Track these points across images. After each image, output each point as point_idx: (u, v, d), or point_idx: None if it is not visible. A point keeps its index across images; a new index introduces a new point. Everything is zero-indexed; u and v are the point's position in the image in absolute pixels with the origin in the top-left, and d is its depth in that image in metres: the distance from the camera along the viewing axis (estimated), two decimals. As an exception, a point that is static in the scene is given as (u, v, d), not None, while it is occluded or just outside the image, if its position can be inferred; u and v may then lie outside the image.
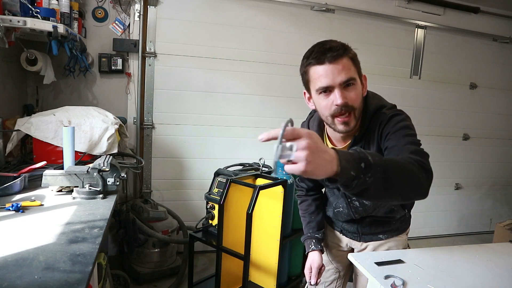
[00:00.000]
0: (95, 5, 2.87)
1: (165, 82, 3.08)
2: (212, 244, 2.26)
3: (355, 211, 1.44)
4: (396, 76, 3.66)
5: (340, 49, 1.10)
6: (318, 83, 1.13)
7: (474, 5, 3.75)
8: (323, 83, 1.12)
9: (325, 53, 1.10)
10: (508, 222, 3.55)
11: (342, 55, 1.10)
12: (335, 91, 1.12)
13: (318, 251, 1.47)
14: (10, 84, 2.43)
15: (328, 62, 1.10)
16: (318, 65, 1.11)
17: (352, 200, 1.40)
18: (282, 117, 3.45)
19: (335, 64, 1.10)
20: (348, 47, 1.14)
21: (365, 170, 0.78)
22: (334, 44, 1.11)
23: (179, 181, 3.26)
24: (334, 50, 1.09)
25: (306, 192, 1.58)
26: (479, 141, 4.15)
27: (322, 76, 1.11)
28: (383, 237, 1.50)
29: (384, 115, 1.21)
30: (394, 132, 1.15)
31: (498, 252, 1.51)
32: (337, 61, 1.10)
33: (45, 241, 1.12)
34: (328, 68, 1.10)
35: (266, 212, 2.35)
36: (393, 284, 1.16)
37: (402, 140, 1.11)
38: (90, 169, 1.60)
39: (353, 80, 1.12)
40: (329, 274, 1.64)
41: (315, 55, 1.11)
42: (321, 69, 1.11)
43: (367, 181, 0.78)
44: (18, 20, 1.90)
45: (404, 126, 1.15)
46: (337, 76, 1.10)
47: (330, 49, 1.10)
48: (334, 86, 1.11)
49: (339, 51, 1.10)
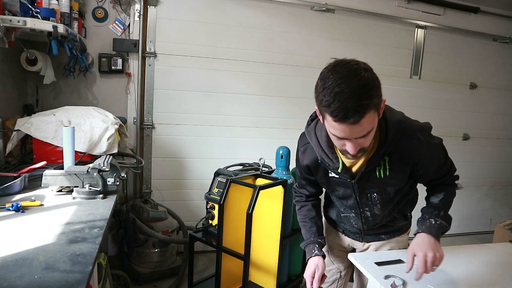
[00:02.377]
0: (95, 5, 2.87)
1: (165, 82, 3.08)
2: (212, 244, 2.26)
3: (365, 221, 1.42)
4: (396, 76, 3.66)
5: (361, 111, 0.96)
6: (332, 131, 1.06)
7: (474, 5, 3.75)
8: (337, 134, 1.06)
9: (346, 117, 0.97)
10: (508, 222, 3.55)
11: (365, 112, 0.97)
12: (349, 142, 1.07)
13: (321, 256, 1.44)
14: (10, 84, 2.43)
15: (348, 124, 0.99)
16: (337, 123, 1.00)
17: (364, 210, 1.38)
18: (282, 117, 3.48)
19: (355, 125, 1.00)
20: (370, 98, 0.98)
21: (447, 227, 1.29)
22: (354, 106, 0.96)
23: (179, 181, 3.26)
24: (356, 112, 0.96)
25: (306, 198, 1.56)
26: (479, 141, 4.15)
27: (337, 130, 1.04)
28: (385, 237, 1.50)
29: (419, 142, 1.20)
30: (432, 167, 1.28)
31: (498, 252, 1.51)
32: (358, 123, 0.99)
33: (45, 241, 1.12)
34: (346, 127, 1.01)
35: (266, 212, 2.35)
36: (393, 284, 1.16)
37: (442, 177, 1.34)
38: (90, 169, 1.60)
39: (371, 131, 1.06)
40: (330, 274, 1.63)
41: (334, 113, 0.98)
42: (337, 125, 1.02)
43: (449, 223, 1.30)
44: (18, 20, 1.90)
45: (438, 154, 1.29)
46: (355, 134, 1.03)
47: (351, 111, 0.96)
48: (349, 139, 1.06)
49: (361, 113, 0.96)
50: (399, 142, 1.19)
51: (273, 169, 2.54)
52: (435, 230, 1.24)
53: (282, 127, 3.40)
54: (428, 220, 1.27)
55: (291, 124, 3.36)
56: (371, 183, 1.28)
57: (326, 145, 1.24)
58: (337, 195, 1.41)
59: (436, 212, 1.28)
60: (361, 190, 1.31)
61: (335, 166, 1.26)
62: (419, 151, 1.20)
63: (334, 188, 1.38)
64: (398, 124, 1.18)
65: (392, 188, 1.30)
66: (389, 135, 1.17)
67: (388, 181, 1.26)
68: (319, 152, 1.27)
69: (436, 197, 1.34)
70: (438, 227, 1.25)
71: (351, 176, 1.28)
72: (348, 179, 1.29)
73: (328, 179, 1.36)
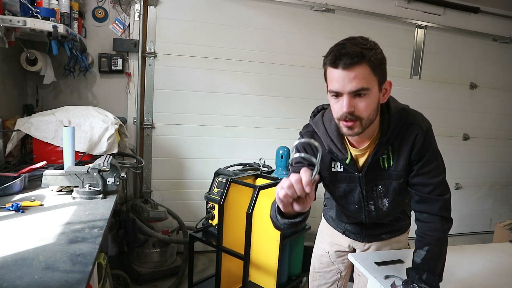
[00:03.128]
0: (95, 5, 2.87)
1: (165, 82, 3.08)
2: (212, 244, 2.26)
3: (368, 215, 1.40)
4: (396, 76, 3.66)
5: (356, 56, 1.04)
6: (329, 85, 1.11)
7: (474, 5, 3.75)
8: (333, 88, 1.09)
9: (340, 58, 1.05)
10: (508, 222, 3.55)
11: (357, 63, 1.04)
12: (343, 98, 1.09)
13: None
14: (10, 84, 2.43)
15: (341, 68, 1.05)
16: (332, 68, 1.08)
17: (368, 203, 1.36)
18: (282, 117, 3.48)
19: (348, 71, 1.05)
20: (369, 53, 1.06)
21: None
22: (352, 50, 1.04)
23: (179, 181, 3.26)
24: (350, 56, 1.04)
25: None
26: (479, 141, 4.15)
27: (334, 80, 1.08)
28: (385, 237, 1.50)
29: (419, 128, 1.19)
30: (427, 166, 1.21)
31: (498, 252, 1.51)
32: (350, 69, 1.05)
33: (45, 241, 1.12)
34: (340, 74, 1.06)
35: (266, 212, 2.34)
36: (393, 284, 1.16)
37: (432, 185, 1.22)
38: (90, 169, 1.60)
39: (364, 91, 1.07)
40: (330, 275, 1.63)
41: (331, 57, 1.07)
42: (334, 73, 1.08)
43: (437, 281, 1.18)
44: (18, 20, 1.90)
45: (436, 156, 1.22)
46: (347, 84, 1.06)
47: (345, 54, 1.04)
48: (343, 93, 1.08)
49: (354, 58, 1.04)
50: (401, 130, 1.20)
51: (273, 169, 2.54)
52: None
53: (282, 127, 3.40)
54: (412, 285, 1.18)
55: (291, 124, 3.37)
56: (376, 175, 1.28)
57: (336, 135, 1.24)
58: (338, 193, 1.38)
59: (418, 276, 1.18)
60: (367, 182, 1.29)
61: (344, 157, 1.25)
62: (417, 137, 1.19)
63: (335, 184, 1.35)
64: (401, 112, 1.20)
65: (396, 182, 1.28)
66: (391, 122, 1.18)
67: (392, 172, 1.26)
68: (327, 142, 1.26)
69: (418, 254, 1.22)
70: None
71: (357, 169, 1.27)
72: (355, 172, 1.28)
73: (331, 174, 1.33)
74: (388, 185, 1.30)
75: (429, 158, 1.21)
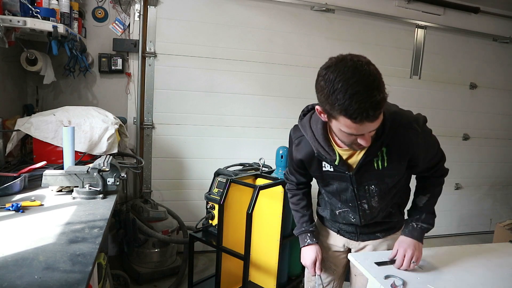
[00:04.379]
0: (95, 5, 2.87)
1: (165, 82, 3.08)
2: (212, 244, 2.26)
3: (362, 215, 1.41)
4: (396, 76, 3.66)
5: (381, 102, 0.98)
6: (346, 130, 1.06)
7: (474, 5, 3.75)
8: (354, 132, 1.06)
9: (368, 114, 0.97)
10: (508, 222, 3.55)
11: (382, 107, 0.99)
12: (364, 136, 1.08)
13: (316, 244, 1.53)
14: (10, 84, 2.43)
15: (367, 122, 1.00)
16: (356, 123, 1.00)
17: (361, 202, 1.38)
18: (282, 117, 3.49)
19: (373, 122, 1.02)
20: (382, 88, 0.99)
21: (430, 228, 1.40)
22: (379, 98, 0.96)
23: (179, 181, 3.26)
24: (377, 108, 0.97)
25: (296, 186, 1.59)
26: (479, 141, 4.15)
27: (354, 129, 1.03)
28: (380, 236, 1.50)
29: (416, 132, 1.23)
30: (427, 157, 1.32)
31: (498, 252, 1.51)
32: (377, 119, 1.02)
33: (45, 241, 1.12)
34: (365, 126, 1.02)
35: (266, 212, 2.35)
36: (393, 284, 1.16)
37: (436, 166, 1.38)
38: (90, 169, 1.60)
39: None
40: (326, 275, 1.63)
41: (355, 114, 0.97)
42: (356, 126, 1.02)
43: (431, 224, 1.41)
44: (18, 20, 1.90)
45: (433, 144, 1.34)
46: (371, 128, 1.05)
47: (375, 106, 0.96)
48: (364, 134, 1.08)
49: (380, 106, 0.98)
50: (396, 133, 1.20)
51: (273, 169, 2.54)
52: (416, 233, 1.36)
53: (282, 127, 3.40)
54: (411, 224, 1.38)
55: (291, 124, 3.30)
56: (369, 175, 1.29)
57: (322, 138, 1.25)
58: (331, 190, 1.40)
59: (418, 216, 1.39)
60: (359, 182, 1.31)
61: (332, 159, 1.27)
62: (416, 141, 1.23)
63: (328, 182, 1.39)
64: (394, 115, 1.20)
65: (391, 180, 1.32)
66: (386, 126, 1.17)
67: (386, 173, 1.28)
68: (315, 145, 1.28)
69: (420, 199, 1.41)
70: (420, 230, 1.37)
71: (348, 169, 1.29)
72: (346, 171, 1.29)
73: (322, 173, 1.36)
74: (381, 185, 1.33)
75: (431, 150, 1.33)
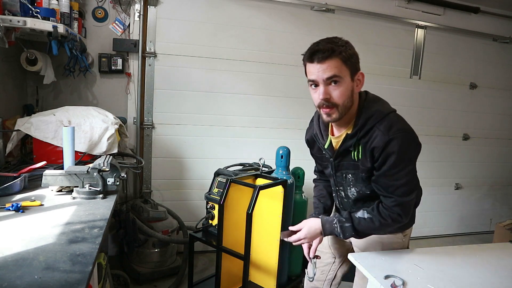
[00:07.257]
0: (95, 5, 2.87)
1: (165, 82, 3.08)
2: (212, 244, 2.26)
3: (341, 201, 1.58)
4: (396, 76, 3.66)
5: (327, 51, 1.24)
6: (308, 76, 1.32)
7: (474, 5, 3.75)
8: (311, 77, 1.30)
9: (315, 54, 1.27)
10: (508, 222, 3.56)
11: (328, 56, 1.25)
12: (320, 87, 1.28)
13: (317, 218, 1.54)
14: (10, 84, 2.43)
15: (316, 62, 1.26)
16: (309, 63, 1.29)
17: (339, 189, 1.54)
18: (282, 117, 3.49)
19: (321, 64, 1.26)
20: (339, 49, 1.26)
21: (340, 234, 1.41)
22: (323, 47, 1.25)
23: (179, 181, 3.26)
24: (322, 52, 1.25)
25: (319, 175, 1.73)
26: (479, 141, 4.15)
27: (311, 72, 1.30)
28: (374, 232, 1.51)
29: (383, 135, 1.26)
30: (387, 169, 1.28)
31: (498, 252, 1.51)
32: (324, 62, 1.25)
33: (45, 241, 1.12)
34: (315, 66, 1.27)
35: (266, 212, 2.35)
36: (393, 284, 1.17)
37: (391, 186, 1.31)
38: (90, 169, 1.60)
39: (337, 78, 1.26)
40: (325, 257, 1.73)
41: (308, 54, 1.30)
42: (311, 67, 1.29)
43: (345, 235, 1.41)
44: (18, 20, 1.90)
45: (397, 163, 1.26)
46: (322, 74, 1.26)
47: (319, 50, 1.25)
48: (319, 82, 1.27)
49: (326, 53, 1.24)
50: (371, 132, 1.31)
51: (273, 169, 2.54)
52: (328, 226, 1.44)
53: (282, 127, 3.40)
54: (334, 218, 1.44)
55: (291, 124, 3.37)
56: (347, 164, 1.43)
57: (321, 123, 1.48)
58: (327, 173, 1.57)
59: (344, 220, 1.40)
60: (337, 168, 1.47)
61: (323, 142, 1.48)
62: (378, 141, 1.28)
63: (326, 166, 1.55)
64: (374, 113, 1.32)
65: (364, 175, 1.37)
66: (360, 120, 1.32)
67: (359, 166, 1.38)
68: (316, 129, 1.51)
69: (361, 212, 1.39)
70: (332, 229, 1.43)
71: (332, 155, 1.45)
72: (331, 157, 1.46)
73: (321, 155, 1.54)
74: (357, 176, 1.41)
75: (393, 165, 1.27)
